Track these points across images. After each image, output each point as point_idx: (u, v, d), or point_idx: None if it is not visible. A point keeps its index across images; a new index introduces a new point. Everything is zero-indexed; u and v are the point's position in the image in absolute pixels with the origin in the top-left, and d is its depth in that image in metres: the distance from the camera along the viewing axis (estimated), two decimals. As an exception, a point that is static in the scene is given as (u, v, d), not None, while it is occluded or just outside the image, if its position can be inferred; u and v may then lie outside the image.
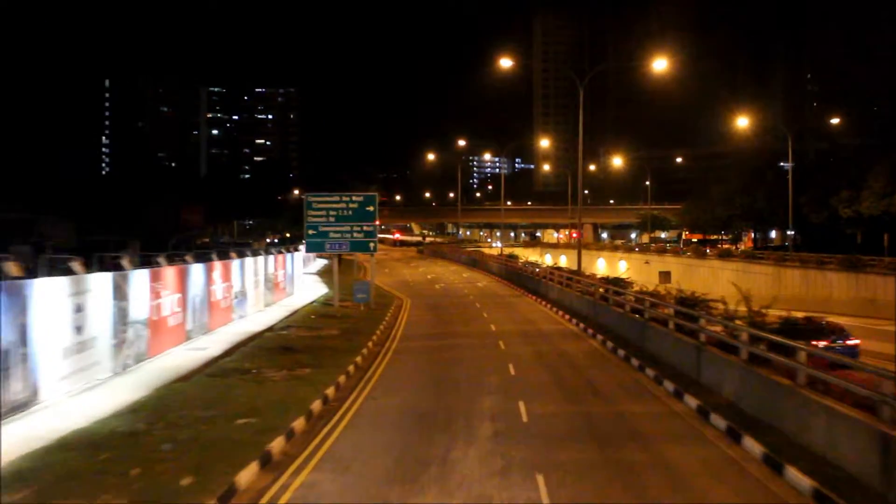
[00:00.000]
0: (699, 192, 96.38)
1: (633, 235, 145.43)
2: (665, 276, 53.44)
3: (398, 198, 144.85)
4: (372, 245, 39.31)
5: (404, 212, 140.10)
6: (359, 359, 23.69)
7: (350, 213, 38.80)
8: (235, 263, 31.55)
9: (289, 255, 43.39)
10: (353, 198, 39.19)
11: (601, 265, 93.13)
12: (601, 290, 31.30)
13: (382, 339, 28.67)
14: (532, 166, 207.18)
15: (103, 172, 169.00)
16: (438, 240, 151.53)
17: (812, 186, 70.62)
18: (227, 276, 29.94)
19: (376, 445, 14.16)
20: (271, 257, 38.74)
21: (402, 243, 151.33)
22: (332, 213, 38.79)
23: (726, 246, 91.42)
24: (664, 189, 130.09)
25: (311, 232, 38.89)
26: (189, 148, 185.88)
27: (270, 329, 29.87)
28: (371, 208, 38.99)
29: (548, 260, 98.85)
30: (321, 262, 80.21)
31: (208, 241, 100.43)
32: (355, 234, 38.79)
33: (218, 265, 29.03)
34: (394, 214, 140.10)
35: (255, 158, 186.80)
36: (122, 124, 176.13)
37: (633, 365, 21.69)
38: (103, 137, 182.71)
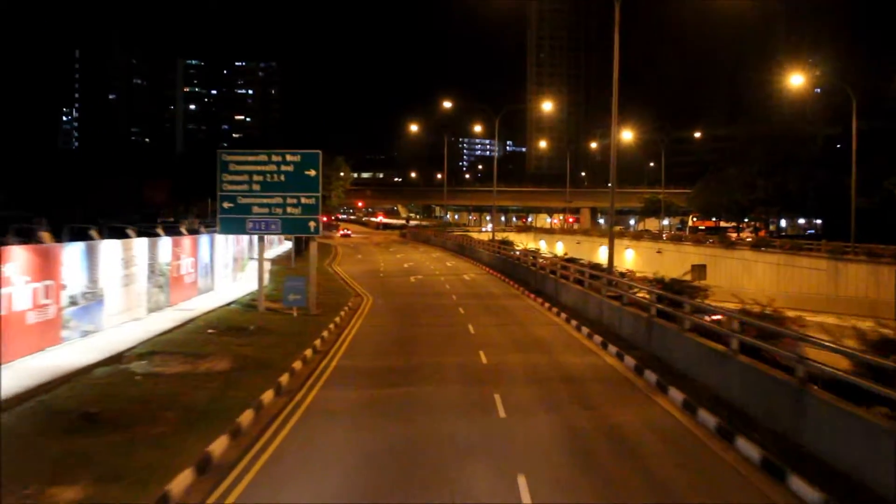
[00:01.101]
0: (713, 174, 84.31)
1: (631, 221, 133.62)
2: (699, 270, 41.62)
3: (381, 175, 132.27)
4: (313, 224, 27.01)
5: (388, 192, 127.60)
6: (219, 444, 11.69)
7: (282, 178, 26.64)
8: (69, 250, 19.26)
9: (205, 238, 31.02)
10: (287, 157, 26.92)
11: (603, 253, 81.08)
12: (653, 298, 19.11)
13: (297, 383, 16.61)
14: (524, 149, 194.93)
15: (74, 146, 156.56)
16: (424, 223, 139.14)
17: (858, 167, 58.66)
18: (44, 272, 17.66)
19: None
20: (165, 241, 26.39)
21: (386, 226, 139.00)
22: (256, 177, 26.64)
23: (746, 234, 79.61)
24: (670, 171, 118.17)
25: (226, 205, 26.73)
26: (164, 123, 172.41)
27: (117, 360, 17.70)
28: (312, 172, 26.76)
29: (542, 246, 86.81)
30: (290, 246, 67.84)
31: (172, 219, 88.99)
32: (289, 209, 26.64)
33: (18, 253, 16.74)
34: (377, 195, 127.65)
35: (234, 135, 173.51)
36: (91, 96, 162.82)
37: (798, 493, 9.55)
38: (73, 110, 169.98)
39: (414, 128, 75.71)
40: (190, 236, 29.44)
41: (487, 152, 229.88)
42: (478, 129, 74.22)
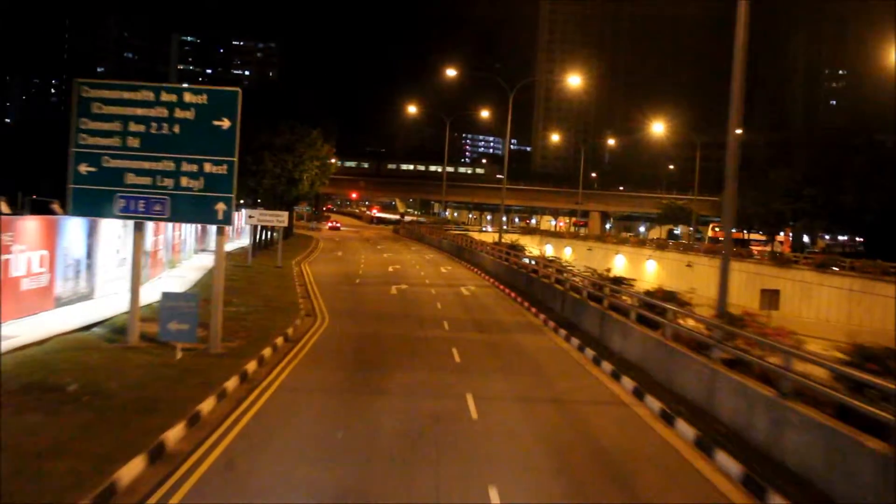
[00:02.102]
0: (749, 180, 73.62)
1: (641, 228, 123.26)
2: (771, 297, 31.02)
3: (378, 166, 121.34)
4: (221, 209, 16.24)
5: (384, 184, 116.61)
6: None
7: (176, 129, 16.06)
8: None
9: (75, 221, 20.25)
10: (187, 97, 16.32)
11: (619, 263, 70.56)
12: None
13: None
14: (528, 148, 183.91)
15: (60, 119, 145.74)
16: (421, 219, 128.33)
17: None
18: None
19: None
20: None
21: (380, 220, 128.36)
22: (134, 127, 16.05)
23: (782, 249, 69.01)
24: (689, 176, 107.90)
25: (84, 169, 16.07)
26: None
27: None
28: (226, 123, 16.19)
29: (548, 251, 75.96)
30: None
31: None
32: (186, 181, 16.07)
33: None
34: (372, 186, 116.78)
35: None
36: (79, 68, 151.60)
37: None
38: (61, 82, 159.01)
39: (412, 109, 64.73)
40: (38, 217, 18.72)
41: (491, 149, 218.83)
42: (485, 114, 63.77)
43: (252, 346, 17.00)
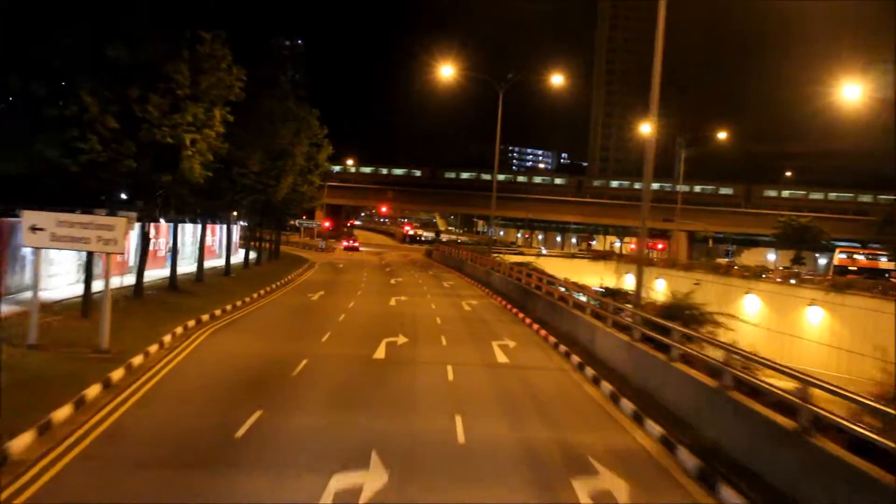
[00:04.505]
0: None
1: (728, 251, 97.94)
2: None
3: (409, 174, 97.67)
4: None
5: (416, 195, 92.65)
6: None
7: None
8: None
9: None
10: None
11: (751, 308, 45.89)
12: None
13: None
14: (585, 163, 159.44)
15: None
16: (463, 238, 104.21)
17: None
18: None
19: None
20: None
21: (414, 240, 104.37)
22: None
23: None
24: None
25: None
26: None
27: None
28: None
29: (628, 283, 50.50)
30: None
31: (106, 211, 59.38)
32: None
33: None
34: (402, 198, 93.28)
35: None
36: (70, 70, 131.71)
37: None
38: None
39: (448, 70, 41.77)
40: None
41: (540, 163, 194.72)
42: (558, 79, 41.68)
43: None
